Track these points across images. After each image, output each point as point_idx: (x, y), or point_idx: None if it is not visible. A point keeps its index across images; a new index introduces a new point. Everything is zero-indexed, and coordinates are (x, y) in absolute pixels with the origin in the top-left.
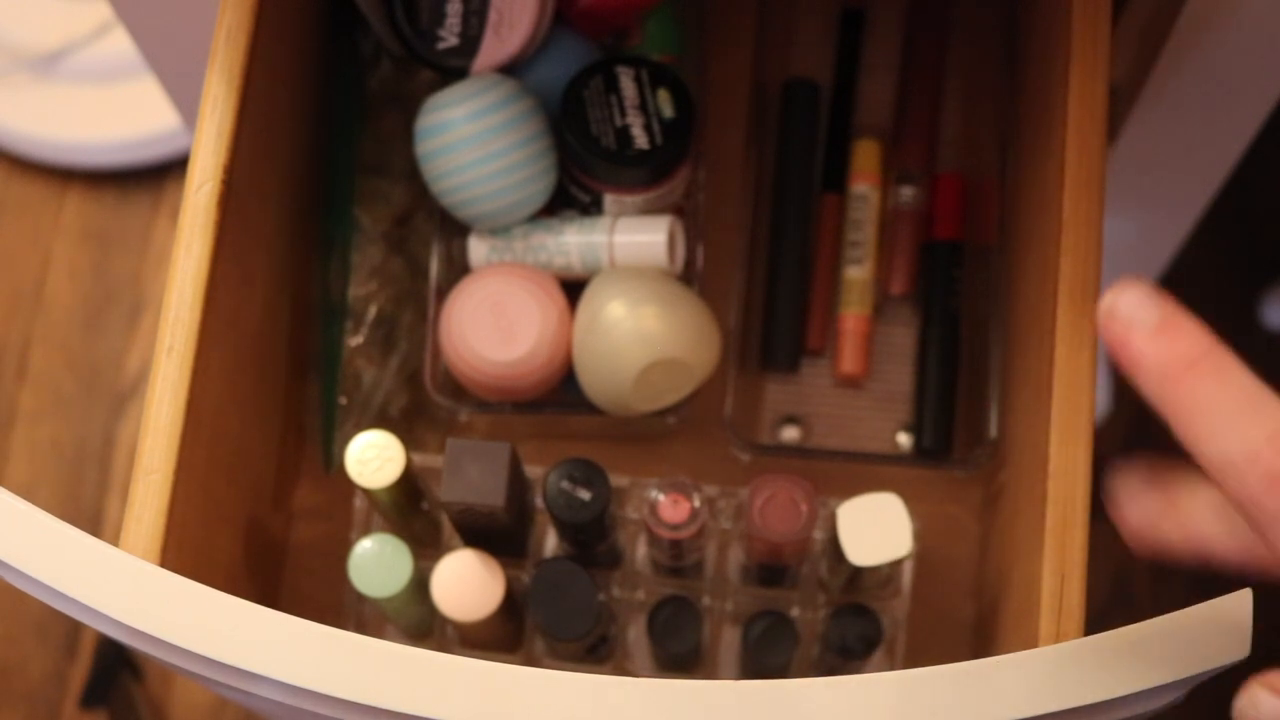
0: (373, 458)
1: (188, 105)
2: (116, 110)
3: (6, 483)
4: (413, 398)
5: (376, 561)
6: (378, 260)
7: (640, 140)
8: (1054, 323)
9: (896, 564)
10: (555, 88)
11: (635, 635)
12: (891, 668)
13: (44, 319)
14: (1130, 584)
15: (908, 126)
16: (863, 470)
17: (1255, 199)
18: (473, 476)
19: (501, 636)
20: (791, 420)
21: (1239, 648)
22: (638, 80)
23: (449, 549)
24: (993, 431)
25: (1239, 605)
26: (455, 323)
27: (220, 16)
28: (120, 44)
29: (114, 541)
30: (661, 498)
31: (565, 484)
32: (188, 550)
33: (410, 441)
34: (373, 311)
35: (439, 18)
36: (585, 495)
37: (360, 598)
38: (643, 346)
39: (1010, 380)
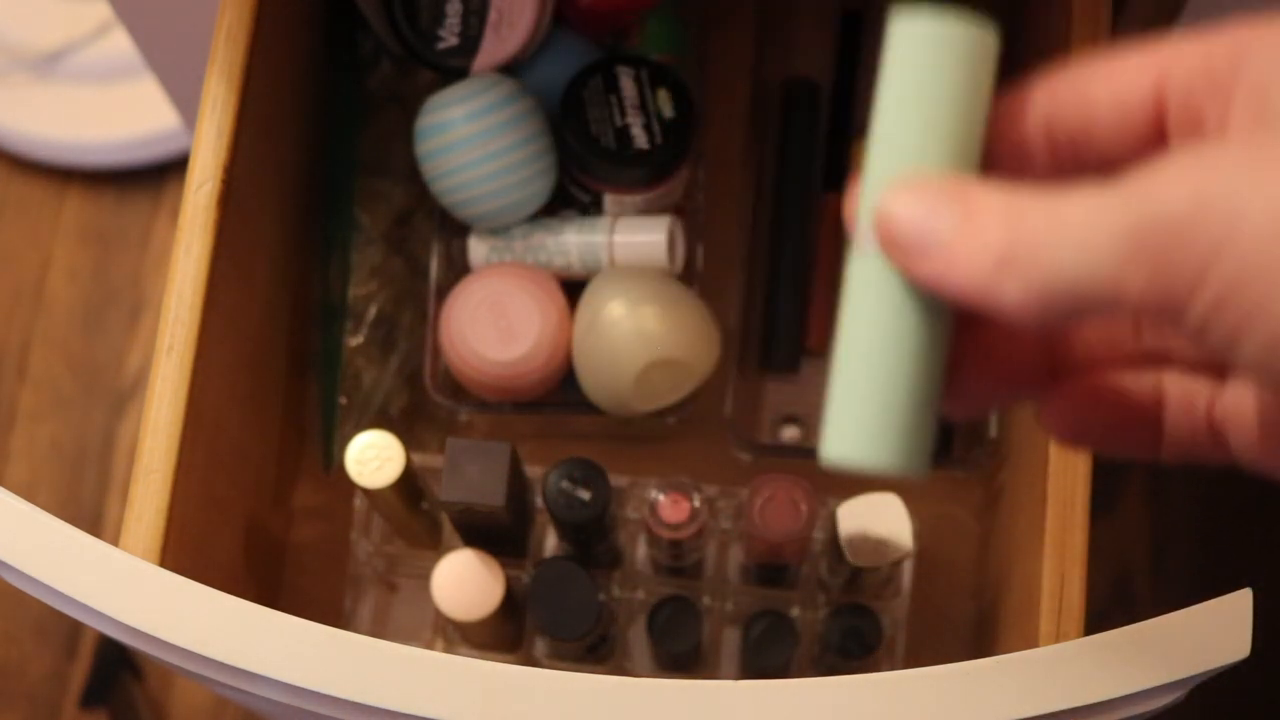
0: (373, 458)
1: (188, 105)
2: (116, 110)
3: (6, 483)
4: (413, 398)
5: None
6: (378, 260)
7: (640, 140)
8: None
9: (896, 564)
10: (555, 88)
11: (635, 635)
12: (891, 668)
13: (44, 319)
14: (1130, 584)
15: None
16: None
17: None
18: (473, 476)
19: (501, 636)
20: (791, 420)
21: (1239, 648)
22: (638, 80)
23: (449, 549)
24: (993, 431)
25: (1239, 605)
26: (455, 323)
27: (220, 16)
28: (120, 44)
29: (114, 541)
30: (661, 498)
31: (565, 484)
32: (188, 550)
33: (410, 441)
34: (373, 311)
35: (439, 18)
36: (585, 495)
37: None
38: (643, 346)
39: None
